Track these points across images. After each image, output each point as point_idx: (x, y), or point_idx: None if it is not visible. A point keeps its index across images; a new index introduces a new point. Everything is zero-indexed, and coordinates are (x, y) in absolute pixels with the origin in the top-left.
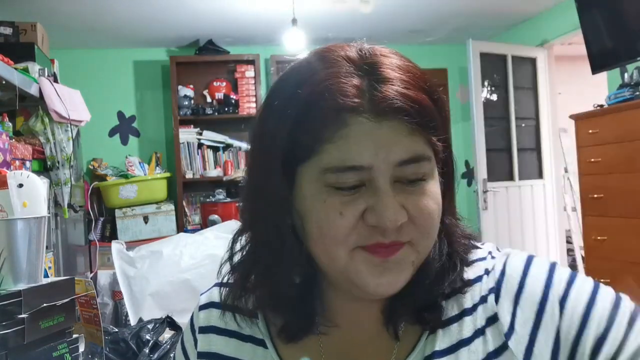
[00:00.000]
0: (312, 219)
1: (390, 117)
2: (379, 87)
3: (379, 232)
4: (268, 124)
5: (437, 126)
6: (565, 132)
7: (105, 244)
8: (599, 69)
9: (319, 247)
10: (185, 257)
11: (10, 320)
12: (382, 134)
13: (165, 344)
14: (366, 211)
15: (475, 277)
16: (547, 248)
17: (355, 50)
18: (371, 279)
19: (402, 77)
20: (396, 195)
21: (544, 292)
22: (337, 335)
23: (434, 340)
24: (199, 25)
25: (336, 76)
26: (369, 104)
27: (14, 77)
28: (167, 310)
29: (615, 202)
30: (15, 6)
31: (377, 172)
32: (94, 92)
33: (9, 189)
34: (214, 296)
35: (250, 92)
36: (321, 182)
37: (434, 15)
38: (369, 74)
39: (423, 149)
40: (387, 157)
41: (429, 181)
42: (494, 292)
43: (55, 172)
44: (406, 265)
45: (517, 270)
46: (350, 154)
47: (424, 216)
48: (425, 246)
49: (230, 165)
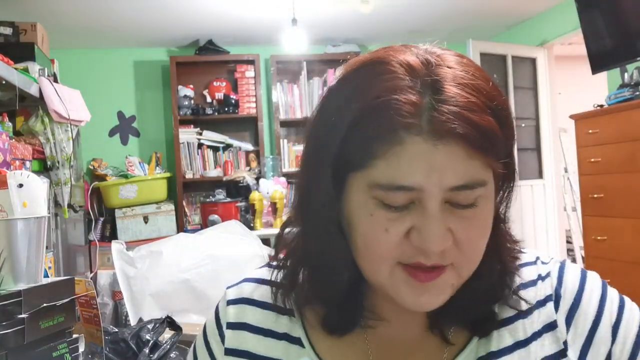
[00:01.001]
0: (358, 231)
1: (447, 140)
2: (439, 107)
3: (421, 253)
4: (321, 129)
5: (500, 147)
6: (565, 132)
7: (105, 244)
8: (599, 69)
9: (362, 258)
10: (185, 257)
11: (10, 320)
12: (437, 157)
13: (165, 344)
14: (412, 230)
15: (528, 281)
16: (547, 248)
17: (417, 56)
18: (409, 298)
19: (466, 97)
20: (444, 218)
21: (597, 313)
22: (383, 332)
23: (488, 341)
24: (199, 25)
25: (393, 91)
26: (427, 124)
27: (14, 77)
28: (167, 310)
29: (615, 202)
30: (15, 6)
31: (427, 194)
32: (94, 92)
33: (9, 189)
34: (245, 291)
35: (250, 92)
36: (369, 195)
37: (434, 15)
38: (430, 89)
39: (480, 174)
40: (440, 181)
41: (483, 205)
42: (552, 300)
43: (55, 172)
44: (445, 287)
45: (574, 283)
46: (401, 174)
47: (470, 243)
48: (468, 270)
49: (230, 165)
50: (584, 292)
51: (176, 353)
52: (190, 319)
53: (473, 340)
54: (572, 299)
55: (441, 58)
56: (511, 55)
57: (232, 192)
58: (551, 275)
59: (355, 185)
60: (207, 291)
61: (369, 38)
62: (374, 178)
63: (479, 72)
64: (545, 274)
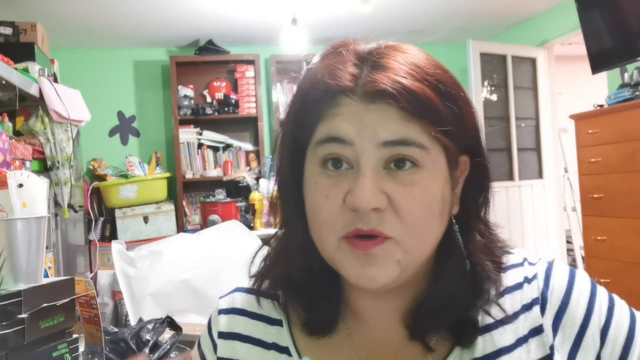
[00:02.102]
0: (307, 202)
1: (380, 101)
2: (373, 74)
3: (358, 218)
4: (285, 114)
5: (443, 120)
6: (565, 132)
7: (105, 244)
8: (599, 69)
9: (313, 231)
10: (185, 257)
11: (10, 320)
12: (369, 115)
13: (165, 344)
14: (347, 193)
15: (514, 285)
16: (547, 248)
17: (370, 45)
18: (352, 271)
19: (404, 68)
20: (380, 179)
21: (585, 317)
22: (369, 339)
23: (472, 348)
24: (199, 25)
25: (335, 64)
26: (361, 88)
27: (14, 77)
28: (167, 310)
29: (615, 202)
30: (15, 6)
31: (360, 150)
32: (94, 92)
33: (9, 189)
34: (237, 301)
35: (250, 92)
36: (315, 162)
37: (434, 15)
38: (370, 64)
39: (417, 136)
40: (372, 136)
41: (423, 172)
42: (538, 304)
43: (55, 172)
44: (389, 262)
45: (561, 285)
46: (335, 127)
47: (409, 212)
48: (413, 246)
49: (230, 165)
50: (571, 295)
51: (176, 353)
52: (190, 319)
53: (456, 349)
54: (559, 302)
55: (395, 46)
56: (511, 55)
57: (232, 192)
58: (538, 277)
59: (308, 159)
60: (207, 291)
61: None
62: (316, 138)
63: (432, 61)
64: (532, 275)
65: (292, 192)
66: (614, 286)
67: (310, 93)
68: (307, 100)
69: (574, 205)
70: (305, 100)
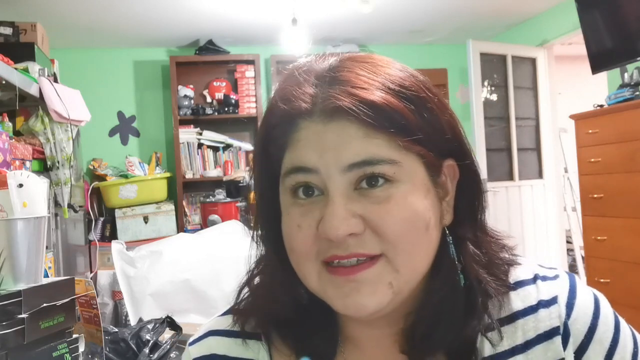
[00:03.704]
0: (283, 234)
1: (338, 118)
2: (330, 91)
3: (335, 246)
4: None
5: (411, 128)
6: (565, 132)
7: (105, 244)
8: (599, 69)
9: (293, 264)
10: (185, 257)
11: (10, 320)
12: (329, 136)
13: (165, 344)
14: (320, 222)
15: (525, 308)
16: (547, 248)
17: (328, 61)
18: (338, 301)
19: (362, 79)
20: (351, 203)
21: (610, 348)
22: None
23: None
24: (199, 25)
25: (290, 87)
26: (319, 107)
27: (14, 77)
28: (167, 310)
29: (615, 202)
30: (15, 6)
31: (326, 177)
32: (94, 92)
33: (9, 189)
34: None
35: (250, 92)
36: (287, 194)
37: (434, 15)
38: (328, 80)
39: (384, 152)
40: (336, 160)
41: (399, 187)
42: (559, 334)
43: (55, 172)
44: (380, 285)
45: (586, 314)
46: (298, 156)
47: (389, 225)
48: (404, 263)
49: (230, 165)
50: (597, 327)
51: (176, 353)
52: (190, 319)
53: None
54: (583, 335)
55: (353, 57)
56: (511, 55)
57: (232, 192)
58: (559, 303)
59: (281, 190)
60: (207, 291)
61: (369, 38)
62: (283, 169)
63: (398, 66)
64: (549, 298)
65: (269, 225)
66: (614, 286)
67: (271, 121)
68: (270, 129)
69: (574, 205)
70: (269, 129)
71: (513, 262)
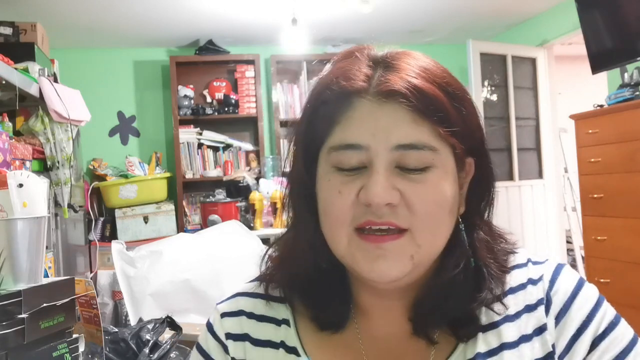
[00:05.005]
0: (319, 199)
1: (390, 101)
2: (386, 75)
3: (371, 212)
4: (301, 115)
5: (451, 121)
6: (565, 132)
7: (105, 244)
8: (599, 69)
9: (325, 227)
10: (185, 257)
11: (10, 320)
12: (382, 116)
13: (165, 344)
14: (361, 189)
15: (517, 285)
16: (547, 248)
17: (382, 49)
18: (365, 265)
19: (415, 70)
20: (392, 177)
21: (583, 323)
22: (375, 333)
23: (475, 343)
24: (199, 25)
25: (349, 66)
26: (375, 88)
27: (14, 77)
28: (167, 310)
29: (615, 202)
30: (15, 6)
31: (374, 153)
32: (94, 92)
33: (9, 189)
34: (241, 304)
35: (250, 92)
36: (329, 163)
37: (434, 15)
38: (383, 65)
39: (428, 139)
40: (386, 139)
41: (434, 172)
42: (543, 304)
43: (55, 172)
44: (403, 256)
45: (567, 288)
46: (350, 134)
47: (422, 203)
48: (427, 240)
49: (230, 165)
50: (575, 299)
51: (176, 353)
52: (190, 319)
53: (460, 345)
54: (562, 304)
55: (405, 52)
56: (511, 55)
57: (232, 192)
58: (543, 279)
59: (321, 159)
60: (207, 291)
61: (369, 38)
62: (331, 143)
63: (440, 66)
64: (538, 277)
65: (305, 191)
66: (614, 286)
67: (324, 95)
68: (321, 103)
69: (574, 205)
70: (320, 103)
71: (512, 251)
